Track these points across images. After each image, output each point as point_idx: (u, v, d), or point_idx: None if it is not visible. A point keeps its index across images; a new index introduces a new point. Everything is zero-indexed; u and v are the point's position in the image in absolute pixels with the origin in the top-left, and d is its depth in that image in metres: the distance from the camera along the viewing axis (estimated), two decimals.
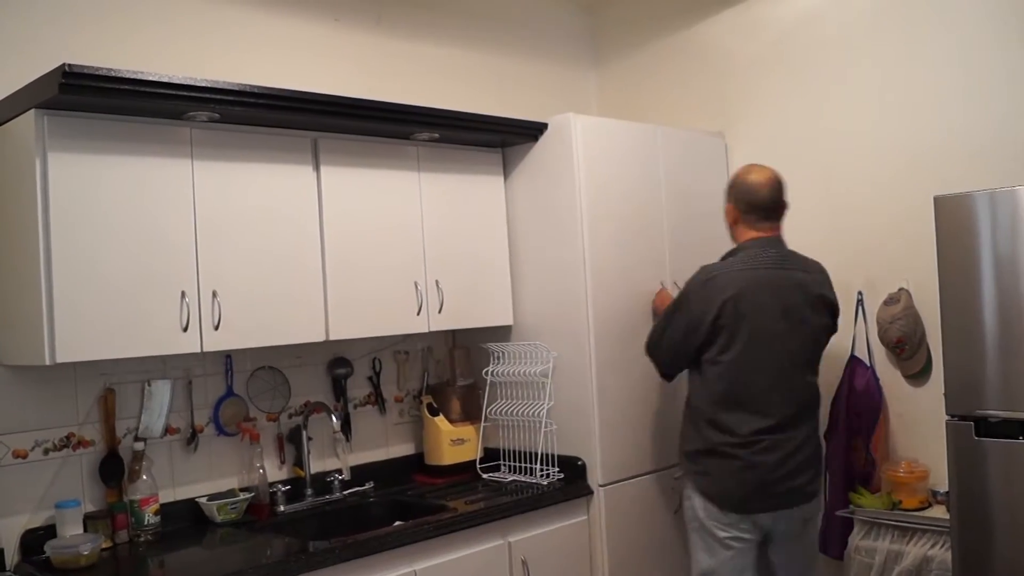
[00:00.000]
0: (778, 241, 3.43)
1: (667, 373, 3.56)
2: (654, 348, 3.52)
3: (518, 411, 3.95)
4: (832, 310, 3.47)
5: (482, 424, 4.06)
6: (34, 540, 3.03)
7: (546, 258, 3.95)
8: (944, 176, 3.55)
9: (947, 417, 3.17)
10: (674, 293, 3.65)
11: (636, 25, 4.88)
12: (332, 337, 3.45)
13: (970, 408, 3.10)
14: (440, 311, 3.78)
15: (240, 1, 3.70)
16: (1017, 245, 3.00)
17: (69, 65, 2.66)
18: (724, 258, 3.43)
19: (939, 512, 3.54)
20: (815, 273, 3.45)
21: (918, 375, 3.79)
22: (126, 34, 3.37)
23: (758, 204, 3.40)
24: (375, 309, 3.58)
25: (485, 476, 3.97)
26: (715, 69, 4.51)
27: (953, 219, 3.13)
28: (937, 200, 3.17)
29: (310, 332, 3.40)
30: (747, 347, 3.26)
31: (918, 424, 3.77)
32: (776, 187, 3.43)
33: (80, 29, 3.26)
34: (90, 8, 3.30)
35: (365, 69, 4.06)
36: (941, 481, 3.47)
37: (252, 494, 3.48)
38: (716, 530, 3.31)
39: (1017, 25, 3.53)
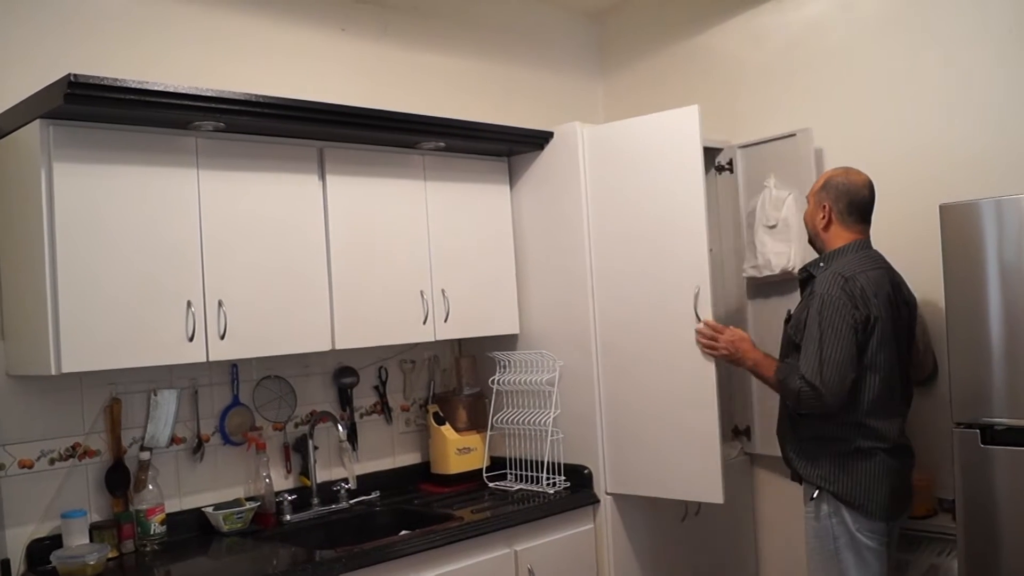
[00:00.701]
0: (870, 243, 3.37)
1: (833, 402, 3.12)
2: (815, 377, 3.10)
3: (524, 420, 3.94)
4: (916, 309, 3.45)
5: (488, 433, 4.06)
6: (40, 550, 3.03)
7: (552, 267, 3.96)
8: (950, 184, 3.56)
9: (953, 425, 3.16)
10: (699, 324, 3.53)
11: (642, 34, 4.88)
12: (338, 346, 3.45)
13: (976, 416, 3.09)
14: (446, 320, 3.78)
15: (246, 10, 3.71)
16: (1023, 253, 2.99)
17: (74, 75, 2.67)
18: (828, 261, 3.30)
19: (945, 520, 3.54)
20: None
21: (924, 383, 3.77)
22: (131, 44, 3.39)
23: (860, 204, 3.33)
24: (381, 318, 3.58)
25: (491, 485, 3.97)
26: (721, 78, 4.51)
27: (959, 227, 3.13)
28: (943, 208, 3.16)
29: (316, 341, 3.40)
30: (889, 349, 3.19)
31: (924, 432, 3.75)
32: (873, 189, 3.37)
33: (85, 39, 3.28)
34: (95, 18, 3.31)
35: (371, 78, 4.07)
36: (947, 489, 3.46)
37: (258, 503, 3.48)
38: (868, 541, 3.18)
39: (1021, 33, 3.52)
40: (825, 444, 3.22)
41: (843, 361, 3.09)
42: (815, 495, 3.24)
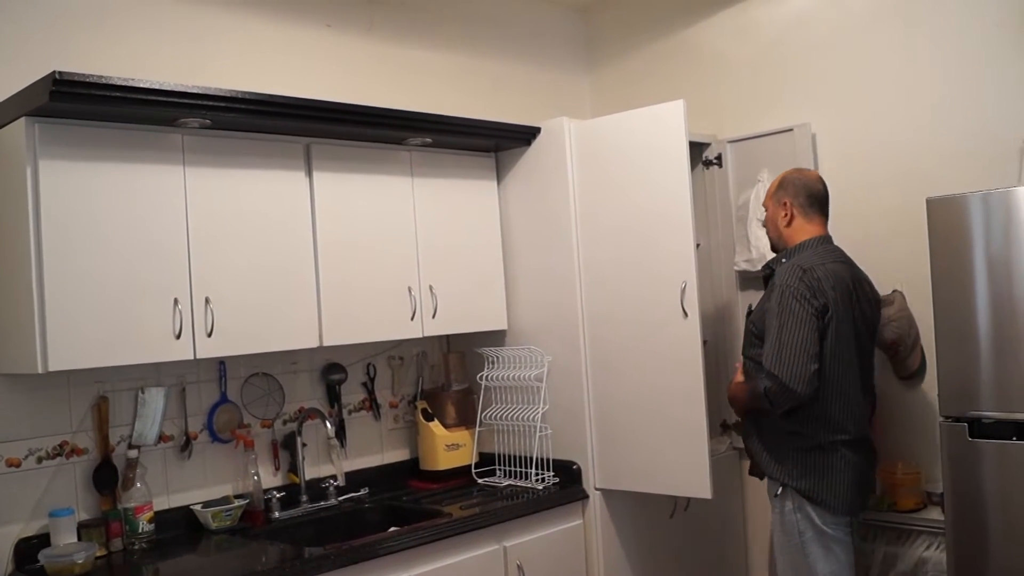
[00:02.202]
0: (831, 238, 3.44)
1: (799, 389, 3.09)
2: (776, 367, 3.11)
3: (513, 415, 3.95)
4: (879, 308, 3.50)
5: (477, 429, 4.06)
6: (28, 549, 3.02)
7: (540, 262, 3.96)
8: (937, 178, 3.57)
9: (941, 418, 3.17)
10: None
11: (630, 28, 4.88)
12: (326, 343, 3.45)
13: (964, 409, 3.11)
14: (434, 316, 3.77)
15: (232, 7, 3.70)
16: (1010, 246, 3.00)
17: (59, 72, 2.66)
18: (789, 256, 3.35)
19: (934, 513, 3.54)
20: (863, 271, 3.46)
21: (912, 377, 3.79)
22: (117, 41, 3.37)
23: (819, 196, 3.42)
24: (369, 315, 3.58)
25: (480, 481, 3.97)
26: (708, 72, 4.51)
27: (946, 221, 3.14)
28: (930, 202, 3.17)
29: (304, 338, 3.40)
30: (845, 342, 3.22)
31: (913, 425, 3.77)
32: (826, 184, 3.46)
33: (71, 36, 3.26)
34: (81, 15, 3.29)
35: (357, 74, 4.06)
36: (936, 482, 3.47)
37: (247, 501, 3.48)
38: (834, 532, 3.22)
39: (1010, 27, 3.54)
40: (787, 440, 3.25)
41: (803, 347, 3.10)
42: (779, 491, 3.27)
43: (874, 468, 3.37)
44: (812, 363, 3.11)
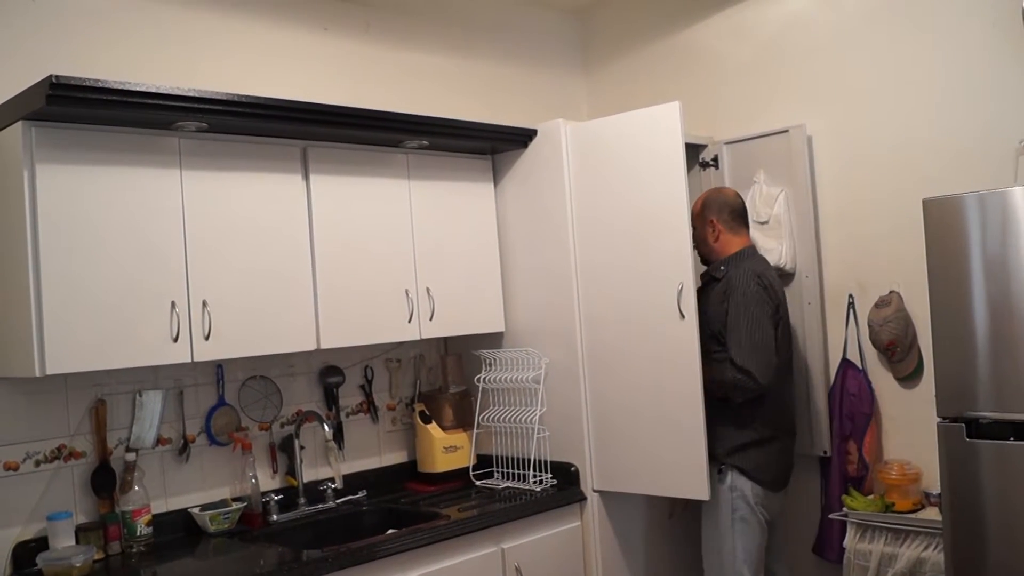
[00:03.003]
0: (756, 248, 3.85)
1: (764, 383, 3.49)
2: (747, 362, 3.48)
3: (510, 417, 3.95)
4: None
5: (475, 431, 4.06)
6: (26, 553, 3.02)
7: (537, 264, 3.96)
8: (933, 178, 3.57)
9: (939, 419, 3.17)
10: None
11: (625, 29, 4.88)
12: (323, 346, 3.45)
13: (961, 410, 3.11)
14: (431, 318, 3.78)
15: (229, 10, 3.70)
16: (1006, 246, 3.01)
17: (56, 76, 2.66)
18: (730, 264, 3.69)
19: (932, 514, 3.54)
20: None
21: (910, 377, 3.79)
22: (114, 45, 3.37)
23: (739, 210, 3.79)
24: (366, 317, 3.58)
25: (478, 483, 3.97)
26: (705, 73, 4.51)
27: (942, 221, 3.14)
28: (926, 203, 3.17)
29: (301, 341, 3.40)
30: (786, 340, 3.69)
31: (910, 426, 3.78)
32: (742, 199, 3.86)
33: (68, 40, 3.26)
34: (78, 19, 3.29)
35: (354, 77, 4.06)
36: (933, 483, 3.47)
37: (245, 504, 3.48)
38: (762, 514, 3.61)
39: (1006, 28, 3.54)
40: (734, 430, 3.60)
41: (767, 345, 3.52)
42: (720, 471, 3.60)
43: (793, 452, 3.79)
44: (774, 359, 3.53)
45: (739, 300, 3.54)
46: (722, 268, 3.68)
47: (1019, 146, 3.44)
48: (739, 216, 3.77)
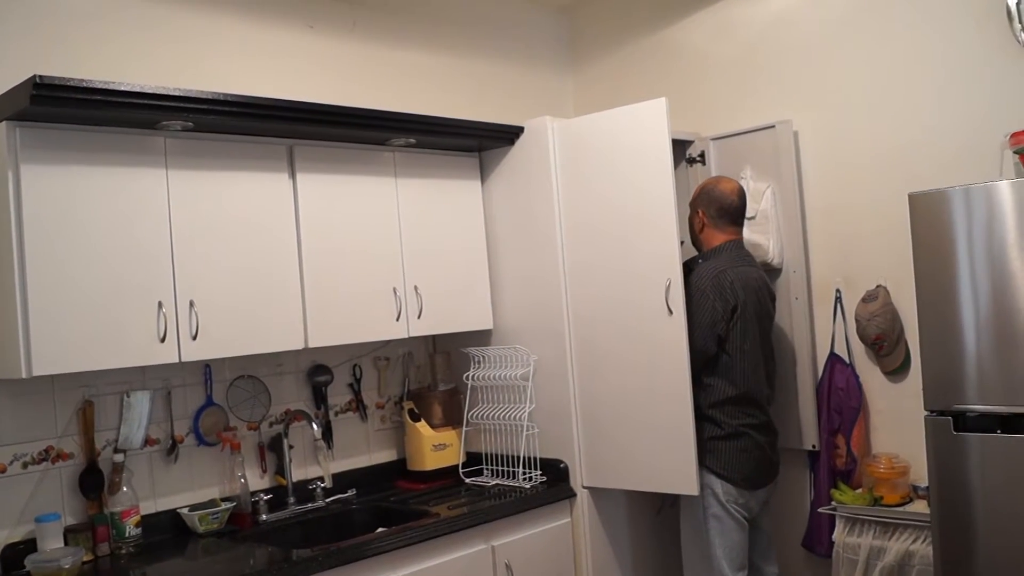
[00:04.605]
0: (743, 243, 3.81)
1: (697, 359, 3.57)
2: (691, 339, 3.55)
3: (499, 415, 3.95)
4: (774, 303, 3.86)
5: (464, 429, 4.06)
6: (14, 555, 3.00)
7: (524, 261, 3.96)
8: (919, 173, 3.58)
9: (926, 412, 3.18)
10: None
11: (612, 27, 4.89)
12: (311, 345, 3.44)
13: (948, 403, 3.12)
14: (419, 316, 3.77)
15: (214, 9, 3.68)
16: (992, 240, 3.02)
17: (40, 76, 2.65)
18: (706, 258, 3.71)
19: (920, 507, 3.56)
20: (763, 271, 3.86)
21: (897, 371, 3.81)
22: (99, 44, 3.35)
23: (729, 209, 3.74)
24: (354, 316, 3.57)
25: (468, 481, 3.97)
26: (691, 69, 4.52)
27: (928, 216, 3.15)
28: (912, 197, 3.18)
29: (289, 340, 3.39)
30: (752, 336, 3.62)
31: (898, 420, 3.79)
32: (743, 195, 3.79)
33: (53, 40, 3.24)
34: (64, 19, 3.27)
35: (340, 75, 4.05)
36: (921, 476, 3.49)
37: (234, 503, 3.47)
38: (735, 512, 3.58)
39: (990, 24, 3.55)
40: (702, 424, 3.57)
41: (703, 332, 3.55)
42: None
43: (775, 448, 3.74)
44: (708, 347, 3.56)
45: (689, 293, 3.57)
46: (699, 260, 3.74)
47: (1004, 140, 3.45)
48: (727, 214, 3.73)
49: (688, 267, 3.67)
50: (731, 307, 3.56)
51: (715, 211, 3.73)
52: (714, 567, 3.58)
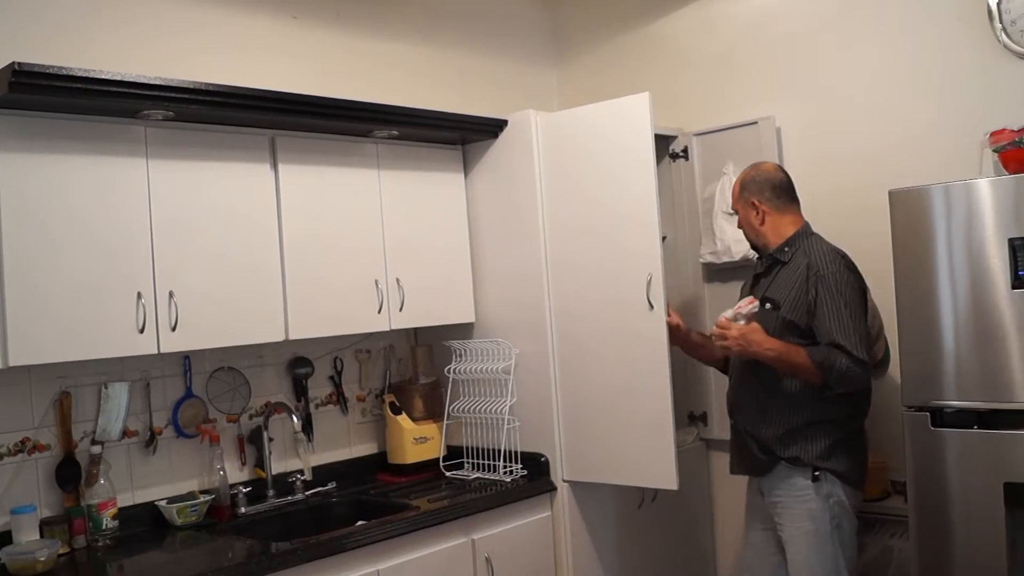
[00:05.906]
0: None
1: (871, 375, 3.25)
2: (861, 352, 3.15)
3: (481, 408, 3.94)
4: None
5: (445, 422, 4.06)
6: None
7: (507, 255, 3.96)
8: (899, 170, 3.60)
9: (904, 408, 3.20)
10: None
11: (597, 21, 4.89)
12: (292, 337, 3.43)
13: (926, 399, 3.13)
14: (401, 309, 3.77)
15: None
16: (971, 238, 3.03)
17: (19, 63, 2.63)
18: (793, 244, 3.35)
19: (898, 502, 3.58)
20: None
21: (876, 367, 3.81)
22: (82, 34, 3.32)
23: (783, 185, 3.41)
24: (335, 308, 3.56)
25: (448, 474, 3.97)
26: (675, 64, 4.53)
27: (908, 212, 3.16)
28: (892, 194, 3.19)
29: (269, 332, 3.38)
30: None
31: (877, 415, 3.78)
32: (786, 172, 3.48)
33: (35, 30, 3.21)
34: (44, 8, 3.24)
35: (324, 66, 4.04)
36: (899, 471, 3.50)
37: (212, 496, 3.46)
38: (854, 517, 3.30)
39: (971, 21, 3.57)
40: (821, 425, 3.24)
41: (868, 335, 3.26)
42: (815, 476, 3.23)
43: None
44: (870, 349, 3.26)
45: (831, 285, 3.20)
46: (786, 250, 3.35)
47: (984, 139, 3.46)
48: (784, 192, 3.39)
49: (774, 259, 3.38)
50: (863, 292, 3.30)
51: (771, 192, 3.38)
52: None
